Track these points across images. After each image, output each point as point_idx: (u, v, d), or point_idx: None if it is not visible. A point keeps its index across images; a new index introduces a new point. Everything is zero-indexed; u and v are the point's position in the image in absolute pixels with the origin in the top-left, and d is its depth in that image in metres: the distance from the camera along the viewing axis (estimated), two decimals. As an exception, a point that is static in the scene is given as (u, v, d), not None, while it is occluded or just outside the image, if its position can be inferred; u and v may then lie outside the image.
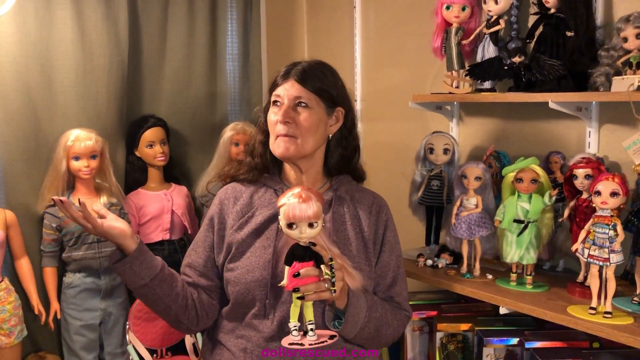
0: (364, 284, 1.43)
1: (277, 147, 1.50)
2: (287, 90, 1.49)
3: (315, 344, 1.29)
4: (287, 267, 1.28)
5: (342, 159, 1.58)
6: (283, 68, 1.54)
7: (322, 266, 1.29)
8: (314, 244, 1.28)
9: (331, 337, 1.32)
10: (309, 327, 1.30)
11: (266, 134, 1.56)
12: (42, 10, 2.21)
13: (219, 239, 1.54)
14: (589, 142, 1.86)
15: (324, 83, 1.51)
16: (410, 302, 2.00)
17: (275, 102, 1.51)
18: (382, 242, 1.57)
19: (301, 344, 1.29)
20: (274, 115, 1.51)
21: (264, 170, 1.58)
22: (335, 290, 1.30)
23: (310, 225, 1.25)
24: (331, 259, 1.30)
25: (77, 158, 2.20)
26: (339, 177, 1.60)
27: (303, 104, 1.49)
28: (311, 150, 1.52)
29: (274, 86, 1.54)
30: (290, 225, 1.25)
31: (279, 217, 1.28)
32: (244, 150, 1.66)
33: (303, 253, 1.27)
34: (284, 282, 1.28)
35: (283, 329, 1.41)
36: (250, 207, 1.54)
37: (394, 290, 1.58)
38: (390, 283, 1.57)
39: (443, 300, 2.10)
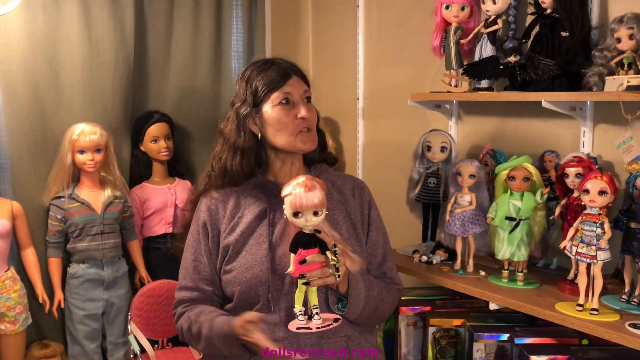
0: (363, 267, 1.47)
1: (305, 143, 1.51)
2: (297, 87, 1.51)
3: (321, 327, 1.33)
4: (292, 255, 1.32)
5: (319, 147, 1.60)
6: (273, 68, 1.52)
7: (327, 252, 1.32)
8: (319, 231, 1.32)
9: (335, 319, 1.37)
10: (314, 311, 1.35)
11: (254, 137, 1.53)
12: (50, 7, 2.27)
13: (214, 245, 1.55)
14: (584, 142, 1.87)
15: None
16: (404, 298, 2.06)
17: (285, 100, 1.50)
18: (369, 221, 1.61)
19: (308, 328, 1.33)
20: (286, 114, 1.49)
21: (250, 175, 1.55)
22: (339, 275, 1.34)
23: (315, 213, 1.29)
24: (334, 245, 1.33)
25: (82, 151, 2.25)
26: (316, 166, 1.63)
27: (308, 99, 1.54)
28: None
29: (273, 86, 1.50)
30: (295, 214, 1.29)
31: (284, 206, 1.31)
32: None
33: (308, 240, 1.31)
34: (290, 269, 1.32)
35: (289, 319, 1.44)
36: (238, 208, 1.55)
37: (386, 266, 1.63)
38: (381, 260, 1.62)
39: (438, 297, 2.12)
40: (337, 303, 1.49)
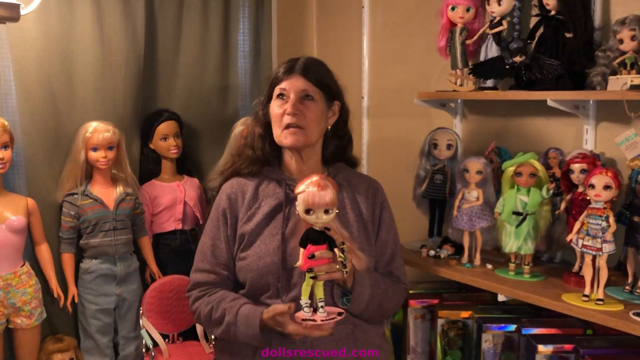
0: (369, 265, 1.52)
1: (285, 137, 1.59)
2: (294, 84, 1.58)
3: (325, 319, 1.39)
4: (301, 249, 1.38)
5: (337, 150, 1.70)
6: (283, 64, 1.63)
7: (335, 249, 1.38)
8: (328, 229, 1.38)
9: (339, 313, 1.42)
10: (319, 304, 1.40)
11: (265, 126, 1.65)
12: (64, 8, 2.31)
13: (232, 232, 1.64)
14: (586, 139, 1.93)
15: (324, 77, 1.62)
16: (412, 291, 2.11)
17: (280, 95, 1.60)
18: (380, 221, 1.68)
19: (313, 320, 1.39)
20: (278, 108, 1.59)
21: (265, 162, 1.66)
22: (346, 272, 1.40)
23: (326, 211, 1.35)
24: (342, 242, 1.40)
25: (95, 149, 2.29)
26: (334, 165, 1.69)
27: (309, 97, 1.59)
28: (316, 140, 1.63)
29: (276, 81, 1.62)
30: (307, 211, 1.35)
31: (297, 202, 1.38)
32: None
33: (317, 236, 1.37)
34: (299, 263, 1.39)
35: (295, 309, 1.49)
36: (256, 199, 1.64)
37: (393, 265, 1.69)
38: (389, 259, 1.68)
39: (445, 290, 2.18)
40: (341, 297, 1.55)
